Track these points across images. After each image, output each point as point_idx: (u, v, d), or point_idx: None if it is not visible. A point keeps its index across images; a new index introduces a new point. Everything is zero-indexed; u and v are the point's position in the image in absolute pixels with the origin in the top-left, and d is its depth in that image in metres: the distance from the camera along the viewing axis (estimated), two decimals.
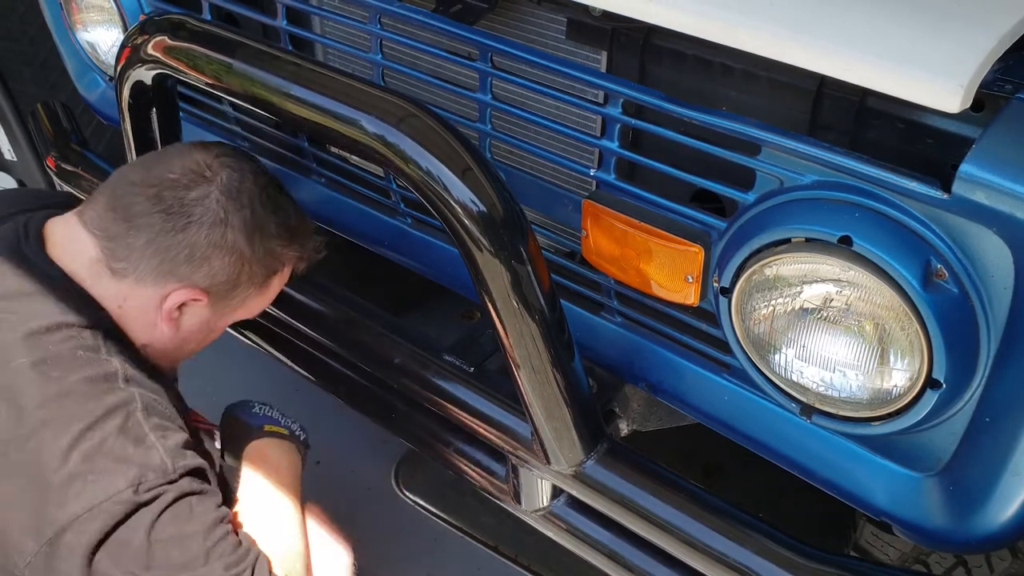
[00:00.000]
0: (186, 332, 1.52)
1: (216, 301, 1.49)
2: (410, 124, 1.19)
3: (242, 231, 1.44)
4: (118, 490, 1.27)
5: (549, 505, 1.54)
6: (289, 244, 1.53)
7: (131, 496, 1.27)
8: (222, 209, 1.43)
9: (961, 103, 0.98)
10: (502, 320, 1.24)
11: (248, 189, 1.46)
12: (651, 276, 1.30)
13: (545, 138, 1.43)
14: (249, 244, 1.45)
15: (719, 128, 1.16)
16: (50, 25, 2.15)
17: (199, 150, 1.48)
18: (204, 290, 1.46)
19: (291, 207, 1.54)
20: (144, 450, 1.31)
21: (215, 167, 1.45)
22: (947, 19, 1.07)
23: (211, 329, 1.56)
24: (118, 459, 1.29)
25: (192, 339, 1.55)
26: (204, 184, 1.43)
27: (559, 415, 1.35)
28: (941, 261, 1.06)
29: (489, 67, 1.38)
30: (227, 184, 1.44)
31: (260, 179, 1.50)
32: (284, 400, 1.83)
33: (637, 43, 1.32)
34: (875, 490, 1.27)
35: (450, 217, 1.18)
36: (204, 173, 1.44)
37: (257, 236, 1.46)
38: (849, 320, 1.14)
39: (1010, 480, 1.11)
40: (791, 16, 1.10)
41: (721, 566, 1.32)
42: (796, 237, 1.12)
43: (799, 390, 1.23)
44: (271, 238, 1.48)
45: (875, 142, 1.17)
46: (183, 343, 1.54)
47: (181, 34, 1.41)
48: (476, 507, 2.22)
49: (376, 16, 1.50)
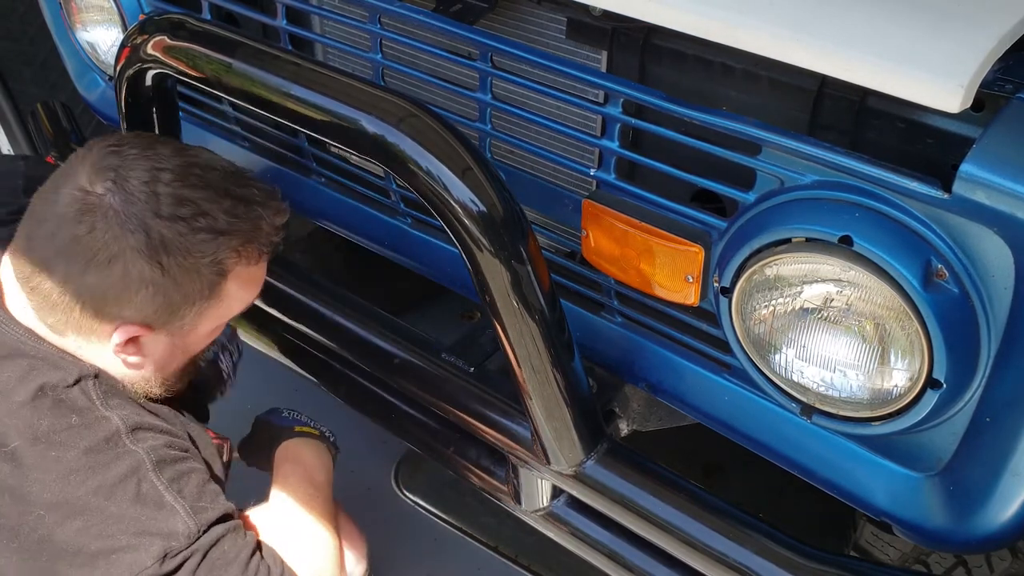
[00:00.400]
0: (160, 360, 1.38)
1: (165, 326, 1.33)
2: (410, 124, 1.19)
3: (141, 257, 1.25)
4: (144, 567, 1.23)
5: (549, 505, 1.54)
6: (218, 245, 1.29)
7: (157, 570, 1.24)
8: (112, 240, 1.25)
9: (961, 103, 0.98)
10: (502, 320, 1.24)
11: (137, 205, 1.25)
12: (651, 276, 1.30)
13: (545, 138, 1.43)
14: (156, 269, 1.26)
15: (719, 128, 1.16)
16: (50, 25, 2.15)
17: (86, 165, 1.29)
18: (141, 324, 1.31)
19: (208, 196, 1.29)
20: (165, 516, 1.26)
21: (98, 187, 1.26)
22: (947, 19, 1.06)
23: (187, 347, 1.42)
24: (139, 533, 1.25)
25: (175, 360, 1.42)
26: (89, 214, 1.25)
27: (559, 415, 1.34)
28: (941, 261, 1.06)
29: (489, 67, 1.38)
30: (111, 207, 1.25)
31: (156, 183, 1.27)
32: (284, 400, 1.84)
33: (637, 43, 1.32)
34: (875, 490, 1.27)
35: (450, 217, 1.18)
36: (87, 199, 1.26)
37: (163, 258, 1.26)
38: (849, 320, 1.14)
39: (1010, 480, 1.11)
40: (791, 16, 1.10)
41: (721, 566, 1.32)
42: (796, 237, 1.12)
43: (799, 390, 1.23)
44: (183, 253, 1.27)
45: (875, 142, 1.17)
46: (166, 367, 1.41)
47: (181, 34, 1.41)
48: (476, 507, 2.22)
49: (376, 16, 1.50)
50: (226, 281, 1.34)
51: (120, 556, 1.23)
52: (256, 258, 1.36)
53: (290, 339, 1.84)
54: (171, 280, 1.28)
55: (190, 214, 1.27)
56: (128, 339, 1.31)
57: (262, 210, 1.35)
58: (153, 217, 1.26)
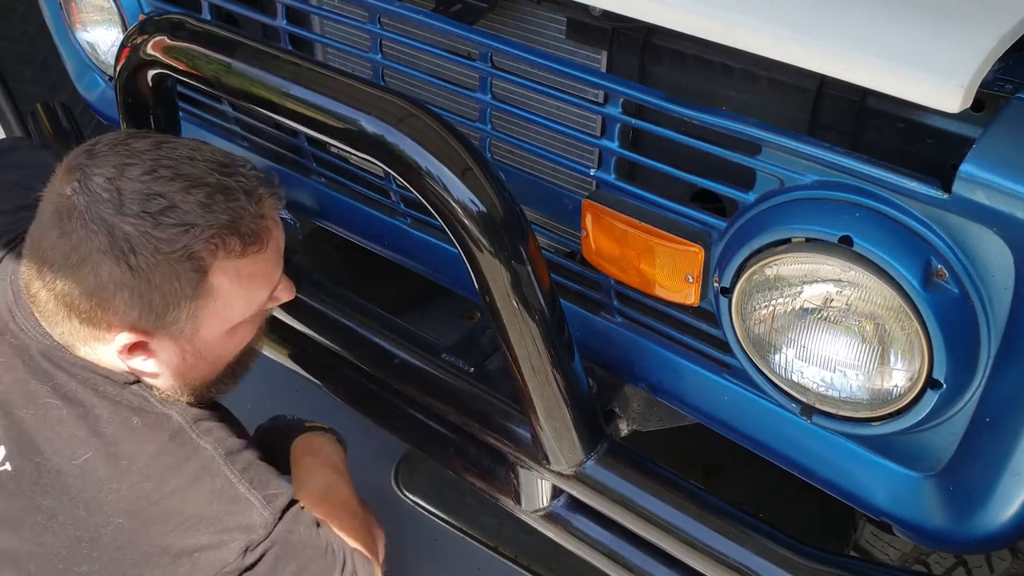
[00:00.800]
0: (177, 368, 1.32)
1: (161, 330, 1.26)
2: (410, 124, 1.19)
3: (108, 258, 1.19)
4: (227, 563, 1.25)
5: (549, 505, 1.54)
6: (189, 238, 1.20)
7: (240, 564, 1.25)
8: (79, 243, 1.19)
9: (961, 103, 0.98)
10: (502, 320, 1.24)
11: (100, 204, 1.19)
12: (651, 276, 1.30)
13: (545, 138, 1.42)
14: (125, 270, 1.19)
15: (719, 128, 1.16)
16: (50, 25, 2.15)
17: (61, 167, 1.25)
18: (134, 329, 1.25)
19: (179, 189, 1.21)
20: (242, 509, 1.27)
21: (67, 188, 1.21)
22: (947, 19, 1.06)
23: (203, 352, 1.33)
24: (220, 530, 1.26)
25: (197, 368, 1.34)
26: (61, 218, 1.21)
27: (559, 415, 1.34)
28: (941, 261, 1.06)
29: (489, 67, 1.38)
30: (76, 207, 1.20)
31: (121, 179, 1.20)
32: (284, 401, 1.85)
33: (637, 43, 1.32)
34: (875, 490, 1.27)
35: (450, 217, 1.18)
36: (59, 203, 1.21)
37: (130, 258, 1.19)
38: (849, 320, 1.14)
39: (1010, 480, 1.11)
40: (791, 16, 1.10)
41: (721, 566, 1.32)
42: (796, 237, 1.12)
43: (799, 390, 1.23)
44: (151, 251, 1.19)
45: (875, 142, 1.17)
46: (188, 376, 1.34)
47: (181, 34, 1.41)
48: (476, 507, 2.22)
49: (376, 16, 1.50)
50: (209, 277, 1.24)
51: (203, 554, 1.25)
52: (239, 250, 1.25)
53: (290, 339, 1.84)
54: (144, 281, 1.20)
55: (157, 208, 1.20)
56: (131, 346, 1.26)
57: (246, 200, 1.25)
58: (115, 215, 1.19)
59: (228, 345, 1.38)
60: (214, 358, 1.37)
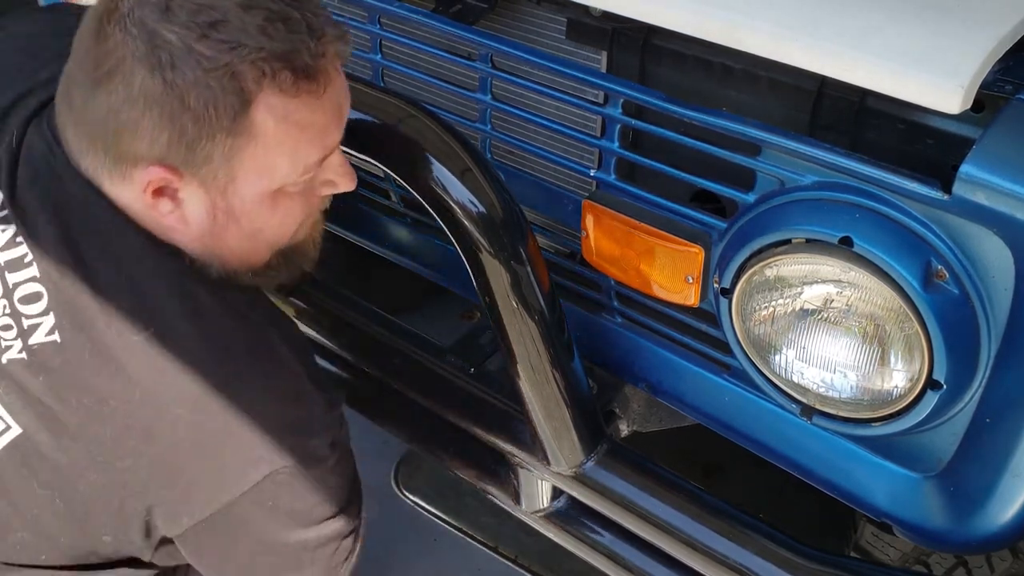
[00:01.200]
0: (204, 225, 1.17)
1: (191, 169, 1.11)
2: (410, 124, 1.19)
3: (142, 67, 1.06)
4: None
5: (549, 506, 1.54)
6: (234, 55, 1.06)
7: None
8: (114, 47, 1.07)
9: (961, 104, 0.98)
10: (502, 320, 1.24)
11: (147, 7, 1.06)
12: (651, 277, 1.30)
13: (545, 138, 1.42)
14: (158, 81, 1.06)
15: (719, 128, 1.16)
16: None
17: None
18: (162, 164, 1.10)
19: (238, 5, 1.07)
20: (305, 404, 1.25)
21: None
22: (947, 19, 1.06)
23: (236, 214, 1.17)
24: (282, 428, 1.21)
25: (228, 234, 1.19)
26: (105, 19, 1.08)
27: (559, 415, 1.34)
28: (941, 262, 1.06)
29: (489, 67, 1.38)
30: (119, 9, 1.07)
31: None
32: None
33: (637, 43, 1.32)
34: (875, 491, 1.27)
35: (450, 217, 1.18)
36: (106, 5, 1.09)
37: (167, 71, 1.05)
38: (849, 321, 1.14)
39: (1010, 481, 1.11)
40: (791, 16, 1.10)
41: (721, 567, 1.32)
42: (796, 238, 1.12)
43: (799, 391, 1.23)
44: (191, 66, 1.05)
45: (875, 142, 1.17)
46: (220, 240, 1.19)
47: None
48: (476, 507, 2.22)
49: (375, 16, 1.50)
50: (251, 110, 1.08)
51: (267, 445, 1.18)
52: (291, 87, 1.09)
53: None
54: (177, 98, 1.06)
55: (207, 21, 1.06)
56: (156, 187, 1.12)
57: (308, 35, 1.09)
58: (159, 21, 1.05)
59: (268, 217, 1.19)
60: (250, 227, 1.20)
